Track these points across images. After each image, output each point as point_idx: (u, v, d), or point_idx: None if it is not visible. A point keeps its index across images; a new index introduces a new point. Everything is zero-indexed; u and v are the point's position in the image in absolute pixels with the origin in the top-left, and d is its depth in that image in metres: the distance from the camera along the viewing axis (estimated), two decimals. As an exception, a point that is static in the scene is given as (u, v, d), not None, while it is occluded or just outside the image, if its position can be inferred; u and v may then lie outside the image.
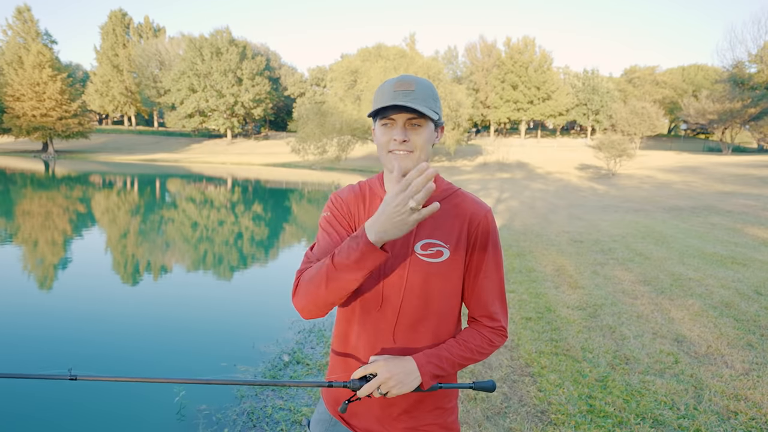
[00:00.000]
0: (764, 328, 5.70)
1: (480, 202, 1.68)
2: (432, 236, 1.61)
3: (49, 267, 9.87)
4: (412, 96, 1.52)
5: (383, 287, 1.62)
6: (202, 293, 8.69)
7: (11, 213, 17.10)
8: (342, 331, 1.73)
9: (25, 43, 68.73)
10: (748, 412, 3.87)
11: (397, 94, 1.53)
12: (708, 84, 69.23)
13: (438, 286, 1.61)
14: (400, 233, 1.31)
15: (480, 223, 1.62)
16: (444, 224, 1.62)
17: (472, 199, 1.69)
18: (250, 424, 4.16)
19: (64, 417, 4.47)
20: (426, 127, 1.56)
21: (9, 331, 6.46)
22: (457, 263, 1.61)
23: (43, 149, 63.66)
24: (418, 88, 1.54)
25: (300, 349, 5.74)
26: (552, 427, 3.74)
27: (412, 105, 1.49)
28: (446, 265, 1.60)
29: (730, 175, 28.12)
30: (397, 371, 1.47)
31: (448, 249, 1.60)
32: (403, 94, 1.53)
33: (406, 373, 1.48)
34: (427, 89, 1.56)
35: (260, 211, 20.53)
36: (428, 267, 1.60)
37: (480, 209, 1.65)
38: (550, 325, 5.90)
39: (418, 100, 1.52)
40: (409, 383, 1.48)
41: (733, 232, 12.04)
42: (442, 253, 1.60)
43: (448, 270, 1.60)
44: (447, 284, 1.61)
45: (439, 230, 1.61)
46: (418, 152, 1.56)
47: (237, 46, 75.87)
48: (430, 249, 1.60)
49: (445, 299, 1.63)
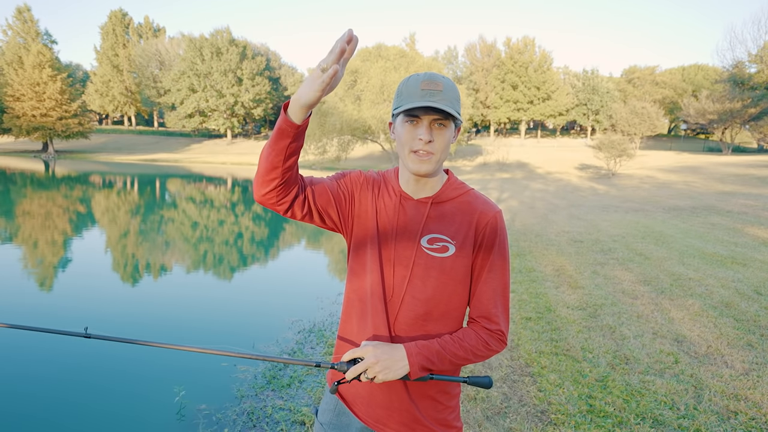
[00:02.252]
0: (764, 328, 5.70)
1: (490, 203, 1.68)
2: (439, 231, 1.63)
3: (49, 267, 9.87)
4: (440, 96, 1.52)
5: (390, 277, 1.65)
6: (201, 294, 8.68)
7: (11, 212, 17.10)
8: (347, 317, 1.77)
9: (25, 43, 68.78)
10: (748, 412, 3.87)
11: (425, 93, 1.52)
12: (708, 84, 69.25)
13: (441, 280, 1.61)
14: (312, 93, 1.30)
15: (488, 222, 1.62)
16: (452, 221, 1.63)
17: (483, 199, 1.68)
18: (250, 424, 4.17)
19: (67, 417, 4.47)
20: (449, 128, 1.57)
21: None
22: (461, 260, 1.61)
23: (43, 149, 63.74)
24: (445, 88, 1.54)
25: (300, 349, 5.75)
26: (552, 427, 3.75)
27: (441, 106, 1.48)
28: (451, 261, 1.61)
29: (730, 175, 28.12)
30: (384, 357, 1.49)
31: (454, 245, 1.61)
32: (431, 94, 1.52)
33: (393, 360, 1.50)
34: (453, 90, 1.56)
35: (260, 211, 20.51)
36: (433, 261, 1.62)
37: (490, 209, 1.65)
38: (550, 325, 5.90)
39: (446, 101, 1.52)
40: (396, 370, 1.49)
41: (733, 232, 12.04)
42: (448, 249, 1.61)
43: (453, 266, 1.61)
44: (450, 281, 1.61)
45: (446, 226, 1.63)
46: (439, 154, 1.57)
47: (237, 46, 75.86)
48: (436, 243, 1.62)
49: (448, 296, 1.62)
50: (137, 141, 77.51)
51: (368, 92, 45.41)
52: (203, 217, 18.13)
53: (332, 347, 5.68)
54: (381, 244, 1.68)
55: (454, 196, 1.66)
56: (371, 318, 1.67)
